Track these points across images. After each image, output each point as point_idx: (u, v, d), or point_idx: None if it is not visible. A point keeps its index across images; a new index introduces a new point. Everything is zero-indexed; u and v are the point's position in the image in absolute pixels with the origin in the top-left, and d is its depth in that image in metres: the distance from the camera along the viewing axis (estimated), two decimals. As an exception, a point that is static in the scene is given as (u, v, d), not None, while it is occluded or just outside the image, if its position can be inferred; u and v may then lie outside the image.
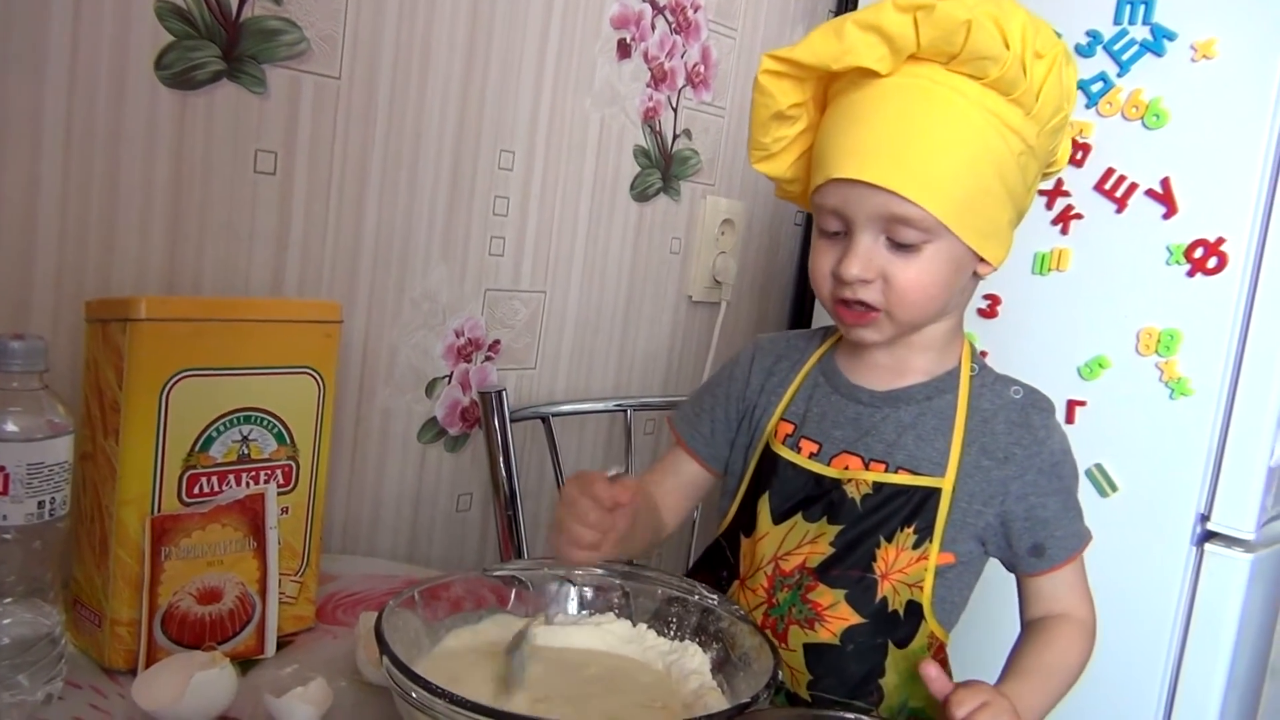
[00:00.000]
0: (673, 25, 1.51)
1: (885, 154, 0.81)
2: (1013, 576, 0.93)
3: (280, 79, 1.10)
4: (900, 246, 0.83)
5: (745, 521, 0.94)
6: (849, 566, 0.88)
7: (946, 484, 0.87)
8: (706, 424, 1.01)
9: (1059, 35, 0.83)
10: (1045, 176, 0.93)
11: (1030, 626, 0.92)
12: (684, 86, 1.55)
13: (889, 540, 0.87)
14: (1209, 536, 1.30)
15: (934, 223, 0.81)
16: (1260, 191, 1.24)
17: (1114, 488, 1.33)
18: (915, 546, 0.87)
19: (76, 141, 0.97)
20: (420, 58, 1.22)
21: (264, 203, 1.12)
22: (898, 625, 0.88)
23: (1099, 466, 1.34)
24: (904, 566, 0.87)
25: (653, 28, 1.48)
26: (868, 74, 0.81)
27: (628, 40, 1.45)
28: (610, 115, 1.46)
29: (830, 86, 0.87)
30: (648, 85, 1.50)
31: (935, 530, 0.87)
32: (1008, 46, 0.78)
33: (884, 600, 0.87)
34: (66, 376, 0.91)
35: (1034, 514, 0.88)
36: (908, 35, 0.78)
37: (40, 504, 0.73)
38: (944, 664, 0.91)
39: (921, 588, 0.87)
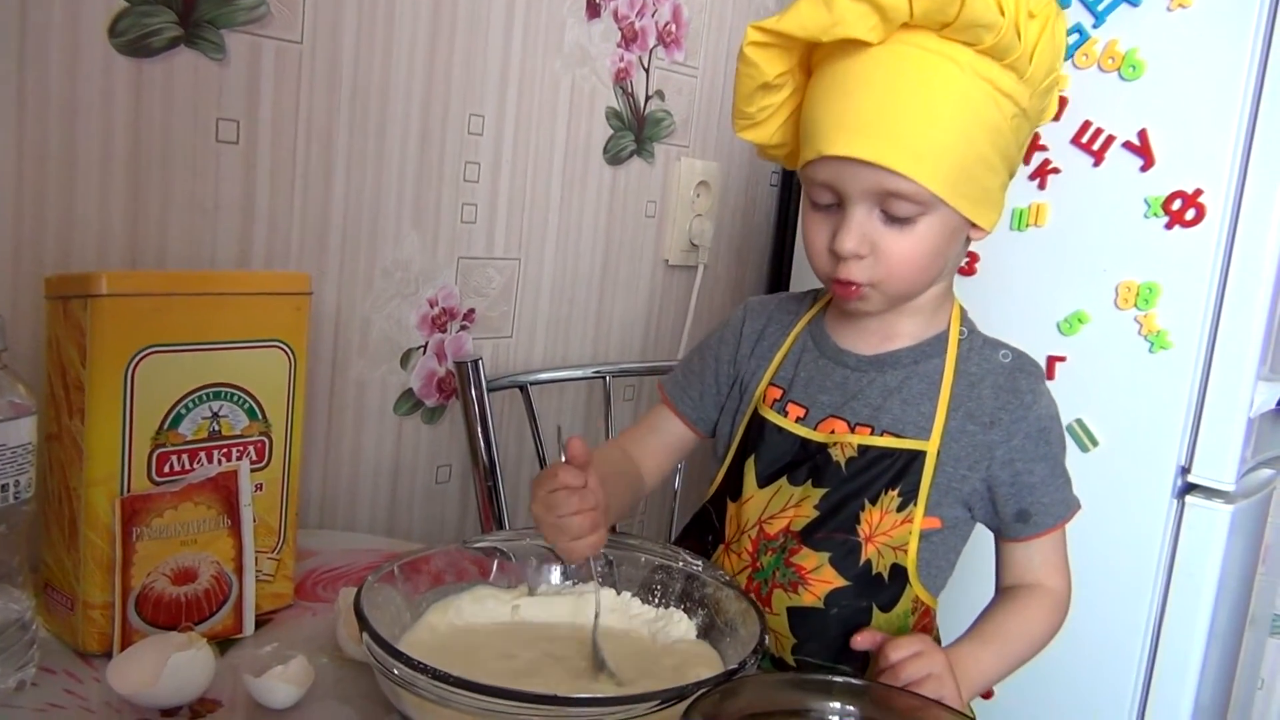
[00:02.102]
0: (643, -17, 1.48)
1: (876, 128, 0.79)
2: (1002, 542, 0.93)
3: (240, 44, 1.07)
4: (894, 219, 0.82)
5: (732, 486, 0.94)
6: (833, 529, 0.87)
7: (931, 447, 0.86)
8: (696, 387, 1.00)
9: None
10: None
11: (1002, 593, 0.93)
12: (655, 46, 1.53)
13: (873, 503, 0.86)
14: (1190, 488, 1.31)
15: (928, 196, 0.80)
16: (1237, 141, 1.23)
17: (1095, 442, 1.34)
18: (900, 510, 0.86)
19: (30, 113, 0.94)
20: (384, 20, 1.19)
21: (228, 173, 1.09)
22: (881, 588, 0.87)
23: (1079, 421, 1.34)
24: (888, 529, 0.86)
25: (622, -14, 1.45)
26: (856, 41, 0.78)
27: (597, -1, 1.42)
28: (581, 77, 1.43)
29: (816, 50, 0.84)
30: (618, 45, 1.47)
31: (920, 493, 0.86)
32: (1003, 13, 0.76)
33: (868, 563, 0.87)
34: (27, 355, 0.89)
35: (1020, 479, 0.88)
36: (900, 6, 0.75)
37: (4, 487, 0.71)
38: (928, 629, 0.92)
39: (906, 551, 0.87)
